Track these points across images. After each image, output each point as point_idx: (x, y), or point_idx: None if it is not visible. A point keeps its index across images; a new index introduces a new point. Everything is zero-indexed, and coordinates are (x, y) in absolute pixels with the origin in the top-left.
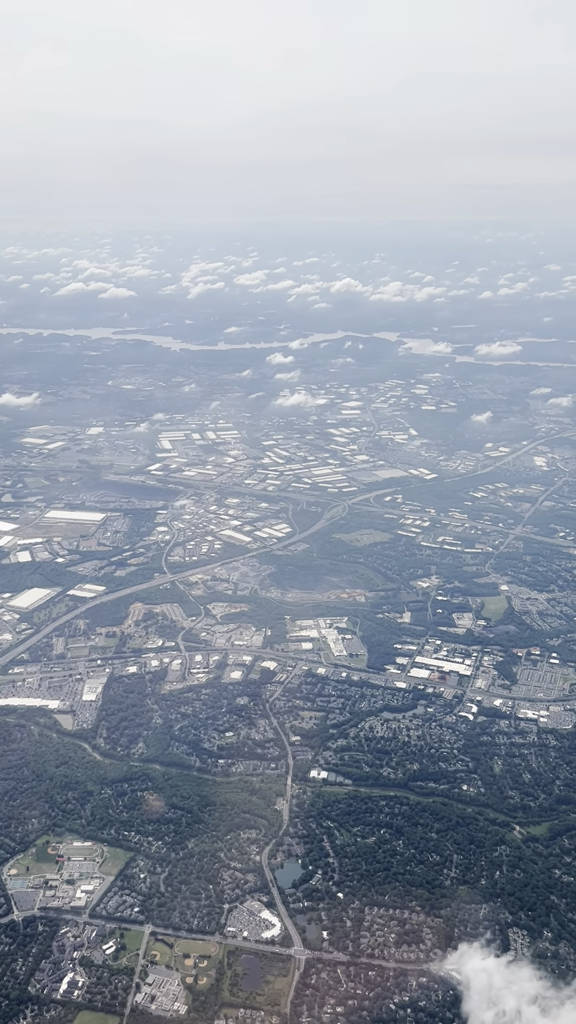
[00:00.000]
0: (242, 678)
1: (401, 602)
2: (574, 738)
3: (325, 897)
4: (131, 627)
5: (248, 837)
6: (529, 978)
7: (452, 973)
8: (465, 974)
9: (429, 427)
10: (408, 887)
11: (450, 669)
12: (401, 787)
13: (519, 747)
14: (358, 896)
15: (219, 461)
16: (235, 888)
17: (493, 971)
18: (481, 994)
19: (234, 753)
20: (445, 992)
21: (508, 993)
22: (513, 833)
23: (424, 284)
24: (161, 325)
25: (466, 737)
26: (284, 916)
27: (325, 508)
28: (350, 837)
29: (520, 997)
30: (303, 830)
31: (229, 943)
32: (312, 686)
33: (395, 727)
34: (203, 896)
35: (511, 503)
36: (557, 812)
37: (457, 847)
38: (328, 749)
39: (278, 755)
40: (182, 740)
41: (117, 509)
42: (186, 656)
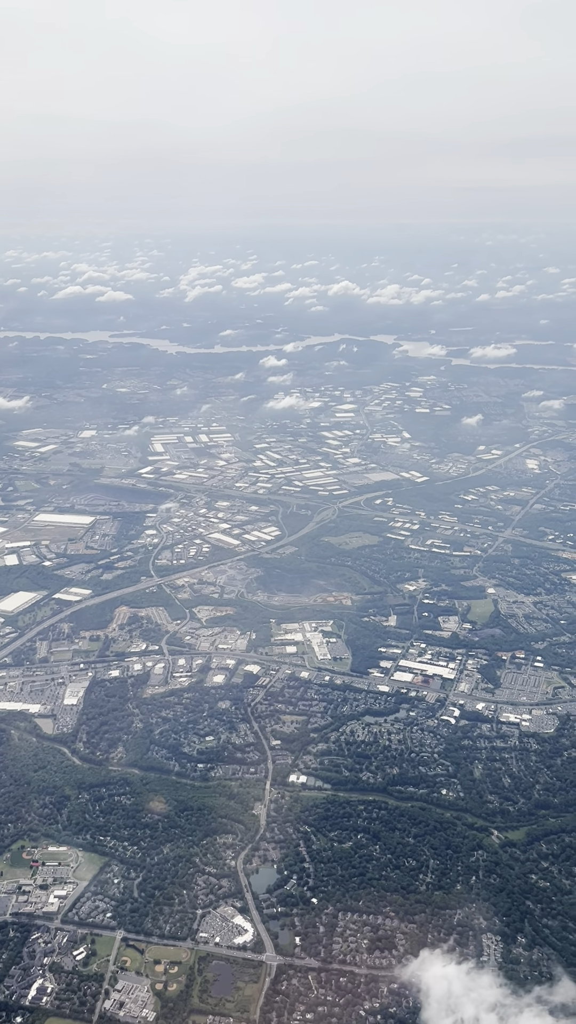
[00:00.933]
0: (225, 682)
1: (387, 605)
2: (556, 742)
3: (299, 903)
4: (115, 631)
5: (224, 842)
6: (489, 985)
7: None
8: (425, 981)
9: (422, 430)
10: (383, 892)
11: (433, 673)
12: (380, 791)
13: (500, 751)
14: (332, 902)
15: (211, 464)
16: (209, 893)
17: (453, 978)
18: (440, 1002)
19: (213, 758)
20: (416, 999)
21: (467, 1000)
22: (491, 838)
23: (422, 287)
24: (158, 328)
25: (447, 741)
26: (257, 922)
27: (315, 511)
28: (327, 842)
29: (479, 1004)
30: (280, 835)
31: (200, 949)
32: (295, 690)
33: (376, 731)
34: (176, 902)
35: (501, 506)
36: (536, 817)
37: (434, 852)
38: (308, 753)
39: (258, 759)
40: (162, 744)
41: (107, 512)
42: (169, 660)
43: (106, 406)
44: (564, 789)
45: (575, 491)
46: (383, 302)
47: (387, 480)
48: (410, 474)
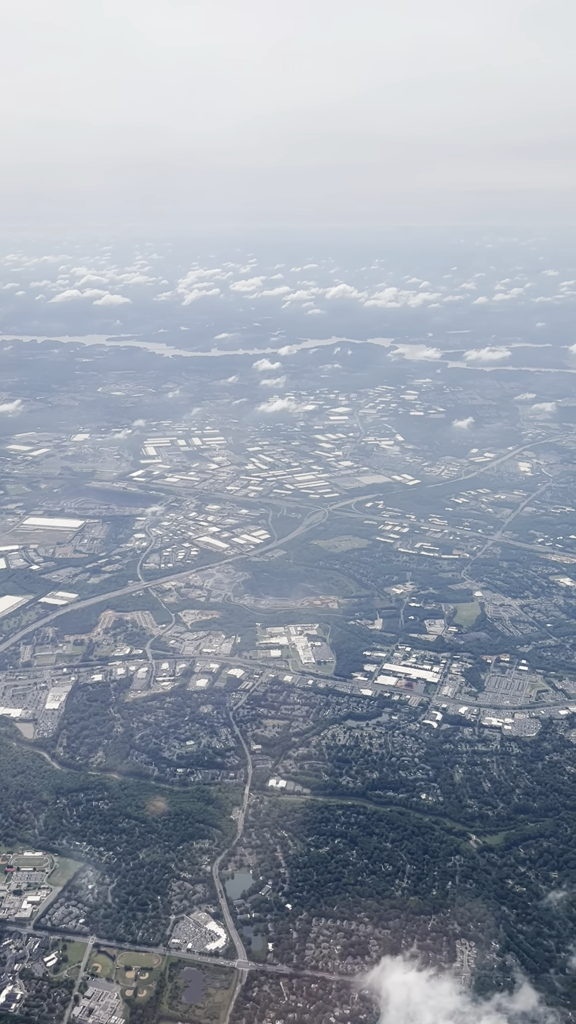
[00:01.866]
0: (208, 686)
1: (374, 609)
2: (537, 746)
3: (274, 908)
4: (100, 635)
5: (201, 847)
6: (449, 992)
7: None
8: (385, 988)
9: (416, 432)
10: (358, 898)
11: (417, 676)
12: (359, 796)
13: (481, 755)
14: (307, 907)
15: (203, 467)
16: (183, 899)
17: (413, 985)
18: (399, 1009)
19: (193, 762)
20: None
21: (426, 1008)
22: (469, 843)
23: (420, 290)
24: (155, 332)
25: (428, 745)
26: (231, 928)
27: (305, 514)
28: (304, 847)
29: (437, 1012)
30: (257, 840)
31: (172, 955)
32: (277, 694)
33: (357, 735)
34: (150, 907)
35: (492, 509)
36: (514, 821)
37: (411, 857)
38: (289, 758)
39: (238, 764)
40: (142, 749)
41: (96, 516)
42: (153, 664)
43: (100, 409)
44: (544, 793)
45: (566, 494)
46: (380, 305)
47: (378, 483)
48: (402, 477)
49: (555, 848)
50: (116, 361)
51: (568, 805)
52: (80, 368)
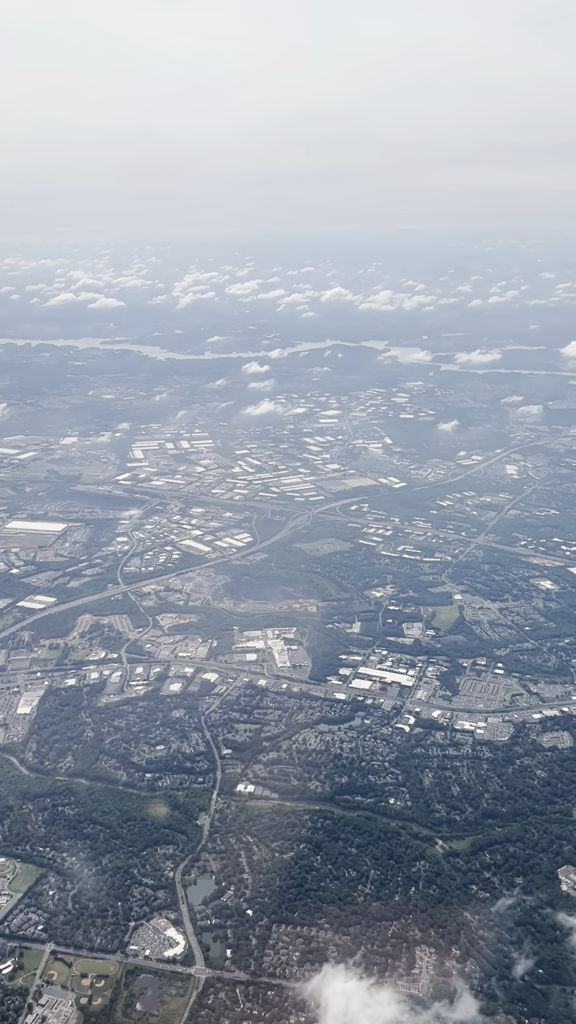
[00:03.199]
0: (181, 690)
1: (353, 612)
2: (509, 750)
3: (234, 914)
4: (76, 639)
5: (165, 853)
6: (387, 1001)
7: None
8: (324, 996)
9: (404, 435)
10: (319, 904)
11: (392, 680)
12: (327, 801)
13: (452, 760)
14: (267, 913)
15: (189, 470)
16: (144, 905)
17: (352, 994)
18: (336, 1018)
19: (162, 767)
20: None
21: (363, 1017)
22: (435, 848)
23: (415, 293)
24: (150, 335)
25: (399, 749)
26: (190, 934)
27: (290, 517)
28: (268, 852)
29: (375, 1021)
30: (221, 846)
31: (130, 962)
32: (251, 698)
33: (328, 739)
34: (110, 913)
35: (476, 512)
36: (482, 826)
37: (375, 862)
38: (259, 763)
39: (207, 769)
40: (111, 754)
41: (80, 519)
42: (127, 668)
43: (89, 413)
44: (513, 798)
45: (552, 496)
46: (375, 308)
47: (364, 486)
48: (388, 480)
49: (521, 853)
50: (108, 364)
51: (536, 810)
52: (72, 371)
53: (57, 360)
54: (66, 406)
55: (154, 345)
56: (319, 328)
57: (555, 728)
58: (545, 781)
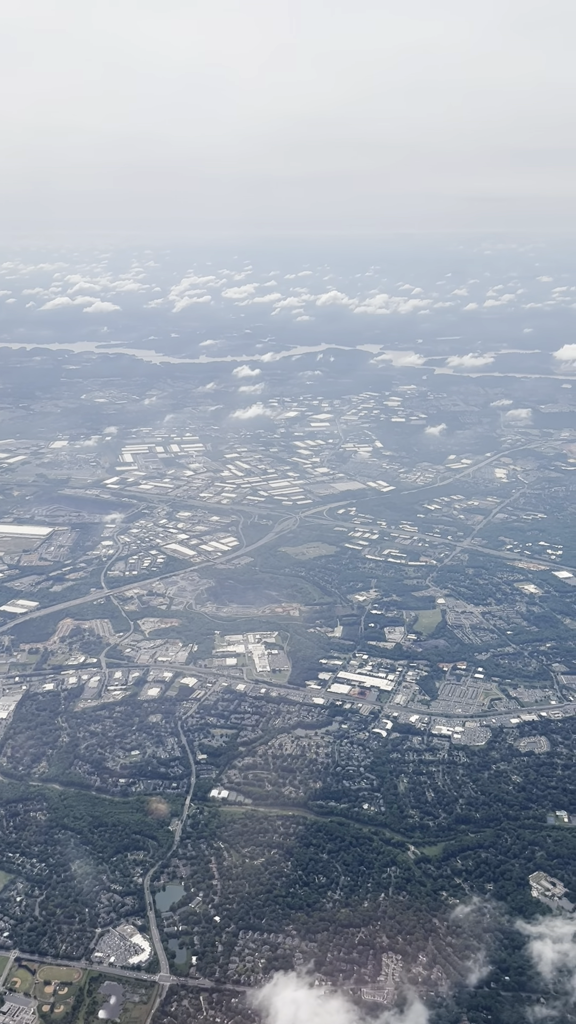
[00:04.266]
0: (159, 695)
1: (335, 616)
2: (485, 755)
3: (202, 920)
4: (56, 643)
5: (135, 859)
6: (337, 1010)
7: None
8: (275, 1005)
9: (395, 439)
10: (287, 910)
11: (371, 684)
12: (301, 806)
13: (428, 764)
14: (235, 920)
15: (178, 474)
16: (111, 912)
17: (302, 1002)
18: None
19: (136, 772)
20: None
21: None
22: (407, 854)
23: (412, 296)
24: (146, 339)
25: (375, 754)
26: (156, 940)
27: (276, 521)
28: (239, 858)
29: None
30: (192, 851)
31: (94, 969)
32: (228, 703)
33: (305, 744)
34: (76, 920)
35: (464, 515)
36: (455, 832)
37: (346, 868)
38: (233, 767)
39: (181, 774)
40: (86, 759)
41: (66, 523)
42: (105, 673)
43: (81, 416)
44: (487, 803)
45: (540, 500)
46: (370, 312)
47: (353, 490)
48: (376, 483)
49: (492, 859)
50: (102, 368)
51: (510, 815)
52: (66, 375)
53: (51, 364)
54: (58, 410)
55: (149, 349)
56: (314, 332)
57: (532, 733)
58: (520, 786)
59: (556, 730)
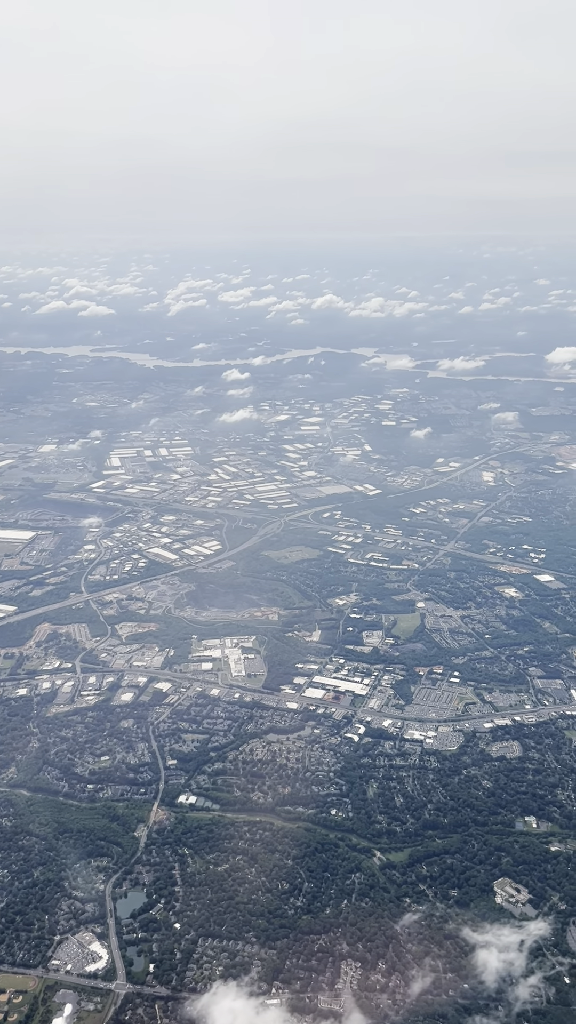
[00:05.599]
0: (132, 700)
1: (314, 620)
2: (456, 760)
3: (162, 928)
4: (32, 648)
5: (98, 865)
6: (273, 1020)
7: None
8: (212, 1015)
9: (384, 442)
10: (248, 917)
11: (346, 689)
12: (268, 812)
13: (398, 769)
14: (195, 927)
15: (165, 478)
16: (71, 919)
17: (239, 1012)
18: None
19: (105, 778)
20: None
21: None
22: (372, 860)
23: (408, 299)
24: (141, 342)
25: (346, 759)
26: (114, 948)
27: (261, 525)
28: (203, 864)
29: None
30: (156, 858)
31: (50, 977)
32: (201, 708)
33: (276, 749)
34: (35, 927)
35: (449, 519)
36: (422, 838)
37: (310, 874)
38: (203, 773)
39: (150, 779)
40: (55, 765)
41: (49, 527)
42: (80, 678)
43: (71, 420)
44: (456, 808)
45: (525, 503)
46: (365, 315)
47: (339, 493)
48: (363, 487)
49: (458, 865)
50: (95, 372)
51: (478, 821)
52: (58, 379)
53: (44, 368)
54: (48, 413)
55: (143, 352)
56: (309, 335)
57: (505, 737)
58: (490, 792)
59: (529, 735)
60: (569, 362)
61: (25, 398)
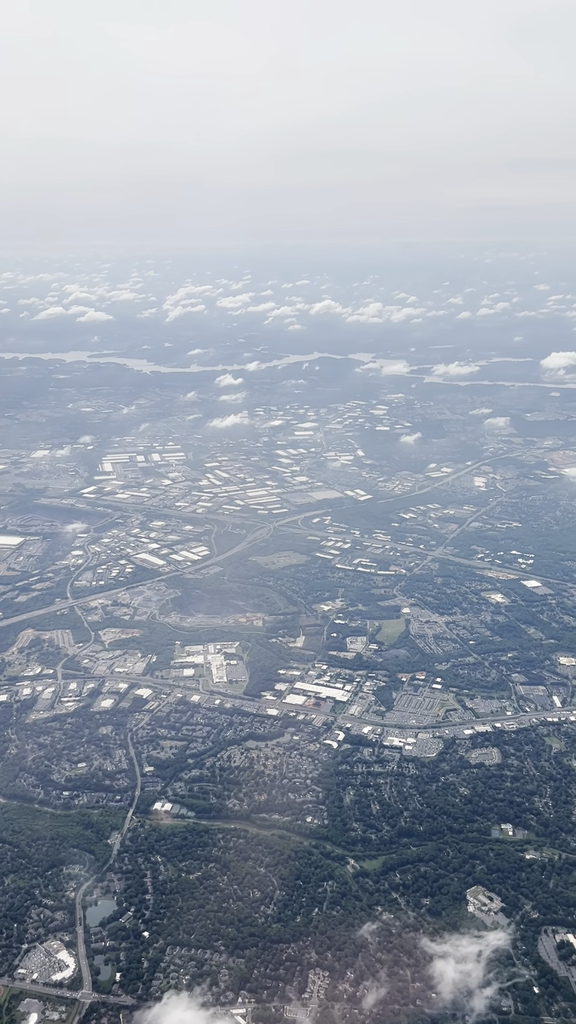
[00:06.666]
0: (112, 707)
1: (299, 626)
2: (435, 767)
3: (130, 936)
4: (14, 654)
5: (70, 873)
6: None
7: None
8: None
9: (378, 448)
10: (218, 925)
11: (327, 695)
12: (243, 819)
13: (376, 776)
14: (164, 935)
15: (156, 483)
16: (40, 927)
17: (190, 1023)
18: None
19: (80, 785)
20: None
21: None
22: (345, 868)
23: (406, 305)
24: (139, 348)
25: (324, 766)
26: (82, 957)
27: (250, 530)
28: (175, 872)
29: None
30: (129, 865)
31: (16, 986)
32: (181, 714)
33: (254, 756)
34: (3, 936)
35: (439, 524)
36: (396, 845)
37: (282, 882)
38: (180, 780)
39: (127, 786)
40: (32, 771)
41: (38, 533)
42: (60, 684)
43: (65, 426)
44: (432, 816)
45: (516, 509)
46: (363, 321)
47: (329, 498)
48: (354, 492)
49: (432, 873)
50: (92, 377)
51: (454, 828)
52: (55, 384)
53: (41, 373)
54: (43, 419)
55: (141, 358)
56: (307, 341)
57: (485, 744)
58: (467, 799)
59: (509, 741)
60: (564, 367)
61: (20, 403)
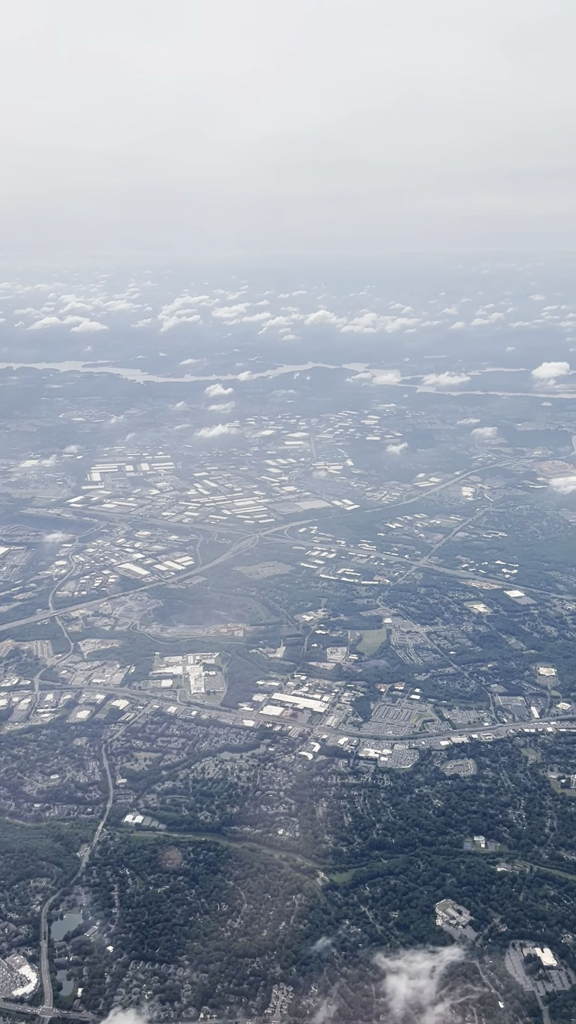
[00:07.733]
0: (88, 718)
1: (280, 636)
2: (410, 778)
3: (95, 950)
4: None
5: (37, 886)
6: None
7: None
8: None
9: (367, 458)
10: (183, 939)
11: (305, 706)
12: (215, 832)
13: (350, 788)
14: (128, 949)
15: (144, 493)
16: (3, 941)
17: None
18: None
19: (53, 797)
20: None
21: None
22: (315, 881)
23: (401, 315)
24: (133, 358)
25: (298, 778)
26: (44, 972)
27: (236, 540)
28: (143, 885)
29: None
30: (97, 879)
31: None
32: (157, 725)
33: (228, 768)
34: None
35: (424, 534)
36: (367, 858)
37: (250, 896)
38: (152, 792)
39: (98, 799)
40: (3, 783)
41: (22, 543)
42: (37, 695)
43: (56, 435)
44: (404, 828)
45: (502, 519)
46: (357, 331)
47: (317, 508)
48: (342, 502)
49: (401, 886)
50: (84, 387)
51: (426, 840)
52: (47, 394)
53: (34, 383)
54: (34, 428)
55: (135, 368)
56: (300, 351)
57: (460, 755)
58: (440, 811)
59: (485, 752)
60: (555, 377)
61: (11, 413)
